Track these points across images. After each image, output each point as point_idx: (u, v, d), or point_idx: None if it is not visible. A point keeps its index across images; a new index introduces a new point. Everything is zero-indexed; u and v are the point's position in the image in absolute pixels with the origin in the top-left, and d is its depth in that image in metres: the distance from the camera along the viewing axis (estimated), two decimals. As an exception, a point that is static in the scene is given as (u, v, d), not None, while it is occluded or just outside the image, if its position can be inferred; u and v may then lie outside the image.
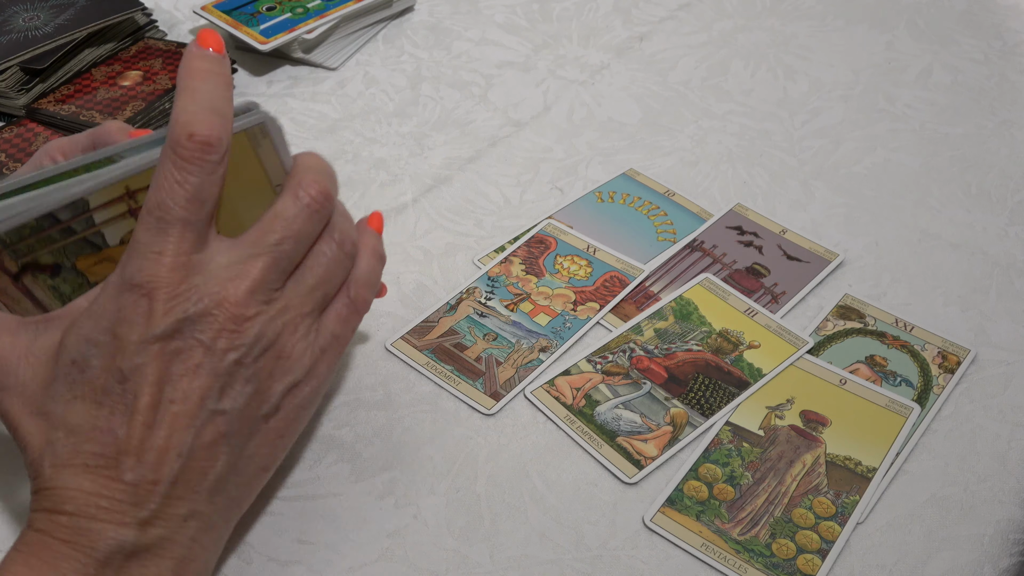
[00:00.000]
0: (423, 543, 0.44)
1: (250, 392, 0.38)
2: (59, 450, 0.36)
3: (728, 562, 0.44)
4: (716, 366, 0.53)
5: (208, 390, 0.37)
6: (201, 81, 0.37)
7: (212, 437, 0.37)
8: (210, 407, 0.37)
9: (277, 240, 0.39)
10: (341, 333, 0.42)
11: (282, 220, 0.39)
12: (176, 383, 0.36)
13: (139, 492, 0.36)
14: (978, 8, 0.86)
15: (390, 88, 0.76)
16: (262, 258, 0.38)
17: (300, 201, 0.40)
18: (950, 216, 0.64)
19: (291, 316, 0.39)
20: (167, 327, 0.36)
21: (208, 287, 0.37)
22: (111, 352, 0.36)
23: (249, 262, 0.38)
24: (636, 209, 0.64)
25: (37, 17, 0.72)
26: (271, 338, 0.38)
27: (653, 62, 0.79)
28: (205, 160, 0.36)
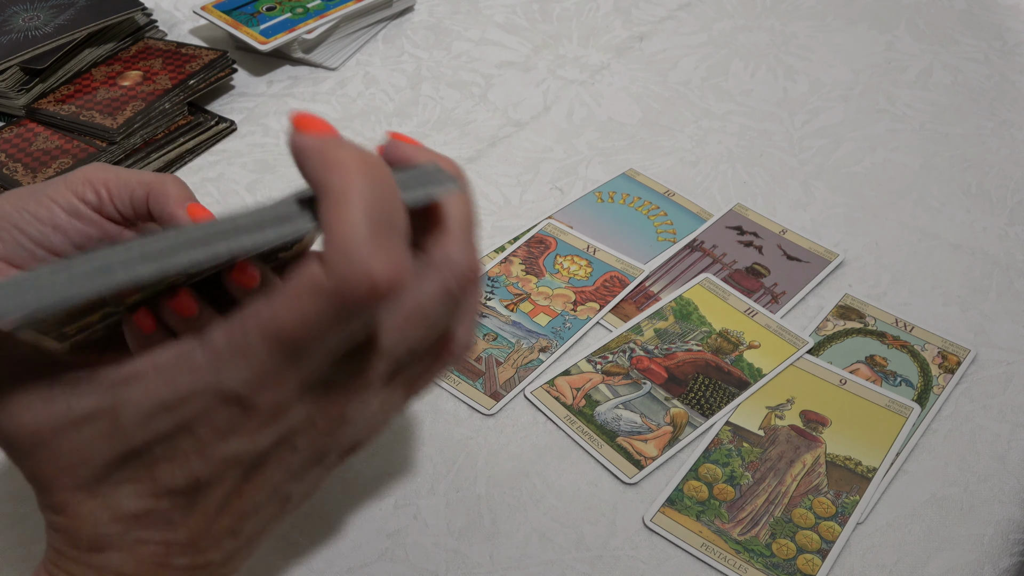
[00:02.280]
0: (423, 543, 0.44)
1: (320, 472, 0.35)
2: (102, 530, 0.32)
3: (728, 562, 0.44)
4: (716, 366, 0.53)
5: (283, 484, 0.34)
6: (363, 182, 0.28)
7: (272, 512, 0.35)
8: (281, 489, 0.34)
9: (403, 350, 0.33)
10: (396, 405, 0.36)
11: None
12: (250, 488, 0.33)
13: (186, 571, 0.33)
14: (978, 8, 0.86)
15: (390, 88, 0.76)
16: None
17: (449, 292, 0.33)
18: (950, 216, 0.64)
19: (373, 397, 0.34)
20: (263, 448, 0.32)
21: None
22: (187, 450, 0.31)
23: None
24: (636, 209, 0.64)
25: (37, 17, 0.72)
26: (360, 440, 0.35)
27: (653, 62, 0.79)
28: (369, 307, 0.28)
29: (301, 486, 0.35)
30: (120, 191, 0.44)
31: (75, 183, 0.44)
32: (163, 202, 0.43)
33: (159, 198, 0.43)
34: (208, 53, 0.73)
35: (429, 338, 0.33)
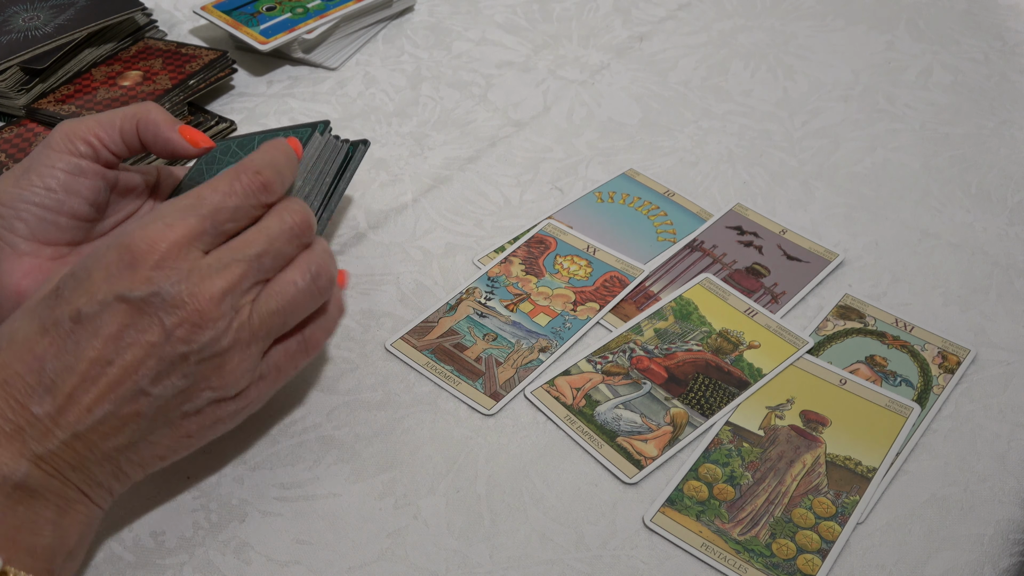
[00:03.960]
0: (423, 543, 0.44)
1: (181, 387, 0.39)
2: None
3: (728, 562, 0.44)
4: (716, 366, 0.53)
5: (147, 370, 0.38)
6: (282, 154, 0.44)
7: (129, 411, 0.38)
8: (141, 385, 0.38)
9: (257, 253, 0.40)
10: (284, 367, 0.44)
11: (265, 235, 0.41)
12: (123, 350, 0.38)
13: (39, 428, 0.37)
14: (978, 8, 0.86)
15: (390, 88, 0.76)
16: (240, 265, 0.40)
17: (284, 223, 0.42)
18: (950, 216, 0.64)
19: (245, 334, 0.40)
20: (141, 294, 0.37)
21: (190, 276, 0.38)
22: (81, 290, 0.38)
23: (229, 266, 0.39)
24: (636, 209, 0.64)
25: (37, 17, 0.72)
26: (222, 347, 0.39)
27: (653, 62, 0.79)
28: (256, 197, 0.41)
29: (159, 413, 0.39)
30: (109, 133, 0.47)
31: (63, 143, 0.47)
32: (154, 129, 0.47)
33: (149, 126, 0.47)
34: (208, 53, 0.73)
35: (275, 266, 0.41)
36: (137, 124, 0.47)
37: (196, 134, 0.48)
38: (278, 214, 0.42)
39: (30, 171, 0.46)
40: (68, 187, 0.47)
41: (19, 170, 0.47)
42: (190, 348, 0.38)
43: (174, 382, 0.39)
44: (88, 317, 0.37)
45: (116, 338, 0.37)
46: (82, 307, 0.38)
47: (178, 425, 0.40)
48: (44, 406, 0.37)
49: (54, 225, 0.47)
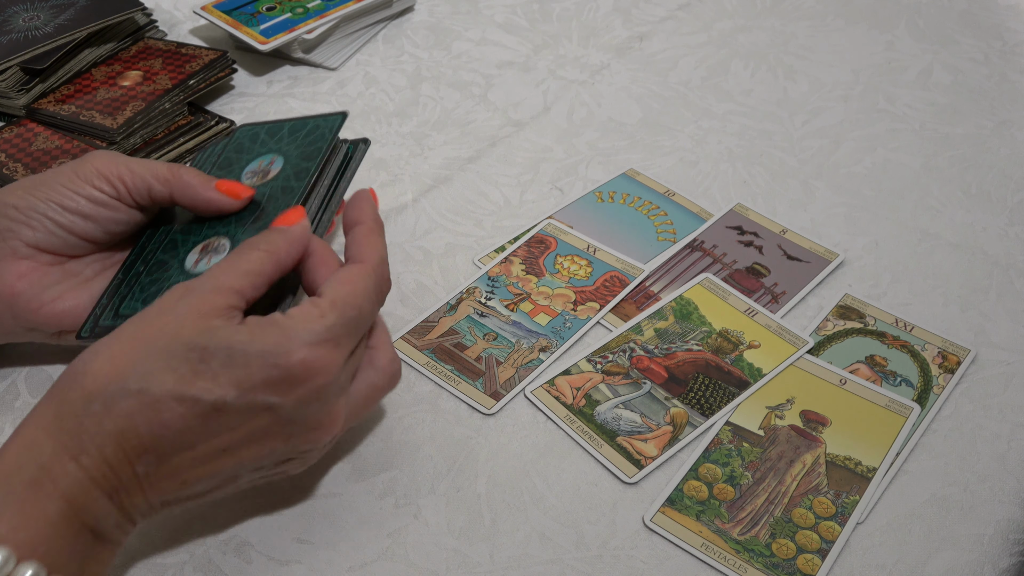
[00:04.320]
0: (423, 543, 0.44)
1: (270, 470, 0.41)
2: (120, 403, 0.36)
3: (728, 562, 0.44)
4: (716, 366, 0.53)
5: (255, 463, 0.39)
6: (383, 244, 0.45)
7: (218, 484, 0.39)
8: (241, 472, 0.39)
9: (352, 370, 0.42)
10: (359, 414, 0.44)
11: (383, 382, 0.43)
12: (245, 446, 0.38)
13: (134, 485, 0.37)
14: (978, 8, 0.86)
15: (390, 88, 0.76)
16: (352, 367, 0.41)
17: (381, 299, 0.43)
18: (950, 216, 0.64)
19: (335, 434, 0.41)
20: (292, 408, 0.38)
21: (329, 398, 0.39)
22: (232, 376, 0.36)
23: (348, 373, 0.41)
24: (636, 209, 0.64)
25: (37, 17, 0.72)
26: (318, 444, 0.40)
27: (653, 62, 0.79)
28: (383, 301, 0.43)
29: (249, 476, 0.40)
30: (137, 185, 0.48)
31: (90, 176, 0.47)
32: (192, 193, 0.47)
33: (185, 190, 0.47)
34: (208, 53, 0.73)
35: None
36: (172, 192, 0.47)
37: (235, 186, 0.47)
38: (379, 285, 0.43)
39: (51, 187, 0.46)
40: (86, 213, 0.47)
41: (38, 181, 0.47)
42: (299, 450, 0.40)
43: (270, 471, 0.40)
44: (230, 409, 0.37)
45: (246, 437, 0.38)
46: (228, 398, 0.36)
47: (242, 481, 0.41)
48: (149, 469, 0.37)
49: (62, 241, 0.47)
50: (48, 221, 0.46)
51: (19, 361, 0.53)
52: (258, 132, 0.52)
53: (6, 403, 0.51)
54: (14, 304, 0.46)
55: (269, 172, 0.49)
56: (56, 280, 0.48)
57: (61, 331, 0.48)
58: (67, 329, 0.48)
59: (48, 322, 0.47)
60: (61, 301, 0.47)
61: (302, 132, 0.50)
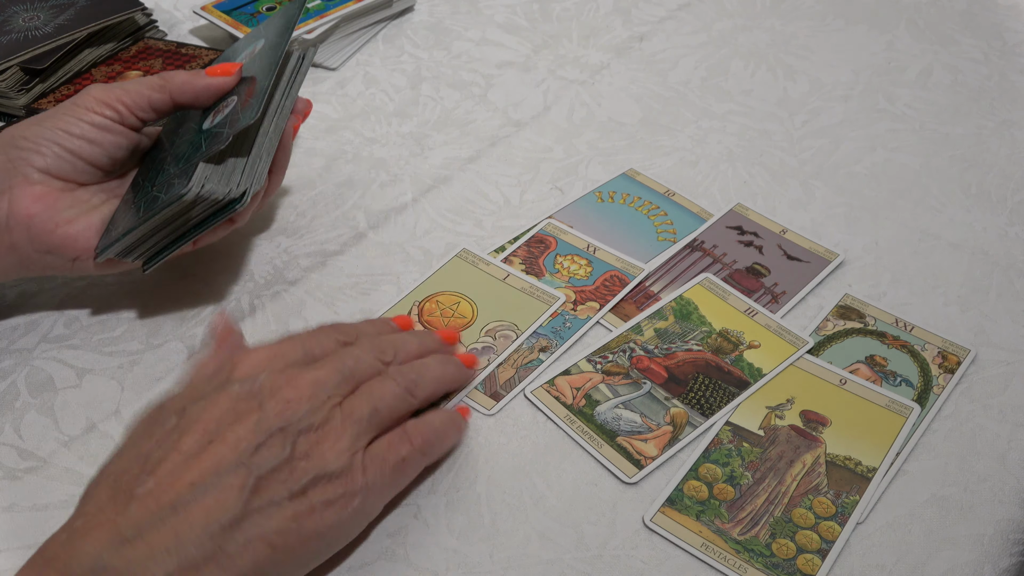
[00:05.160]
0: (423, 543, 0.44)
1: (280, 459, 0.39)
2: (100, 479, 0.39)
3: (728, 562, 0.44)
4: (716, 366, 0.53)
5: (247, 444, 0.38)
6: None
7: (232, 483, 0.37)
8: (242, 458, 0.38)
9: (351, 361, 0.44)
10: (386, 458, 0.42)
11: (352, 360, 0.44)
12: (224, 429, 0.39)
13: (139, 506, 0.36)
14: (978, 8, 0.86)
15: (390, 88, 0.76)
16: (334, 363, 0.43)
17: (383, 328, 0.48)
18: (950, 216, 0.64)
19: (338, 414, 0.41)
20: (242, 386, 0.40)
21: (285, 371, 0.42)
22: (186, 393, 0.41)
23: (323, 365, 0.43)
24: (636, 209, 0.64)
25: (37, 17, 0.72)
26: (316, 422, 0.40)
27: (653, 62, 0.79)
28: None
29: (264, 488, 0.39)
30: (137, 101, 0.52)
31: (91, 104, 0.51)
32: (187, 87, 0.52)
33: (182, 87, 0.52)
34: (208, 53, 0.73)
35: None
36: (170, 95, 0.52)
37: (222, 66, 0.53)
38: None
39: (56, 117, 0.51)
40: (91, 138, 0.51)
41: (44, 115, 0.52)
42: (287, 422, 0.39)
43: (274, 453, 0.39)
44: (191, 409, 0.40)
45: (217, 420, 0.39)
46: (187, 404, 0.40)
47: (285, 509, 0.38)
48: (146, 486, 0.37)
49: (71, 165, 0.51)
50: (56, 147, 0.50)
51: (20, 359, 0.53)
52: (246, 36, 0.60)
53: (6, 403, 0.51)
54: (31, 225, 0.50)
55: (255, 50, 0.56)
56: (68, 205, 0.51)
57: (76, 257, 0.51)
58: (81, 253, 0.51)
59: (63, 243, 0.50)
60: (74, 223, 0.51)
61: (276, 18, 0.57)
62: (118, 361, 0.53)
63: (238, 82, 0.53)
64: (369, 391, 0.43)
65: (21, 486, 0.47)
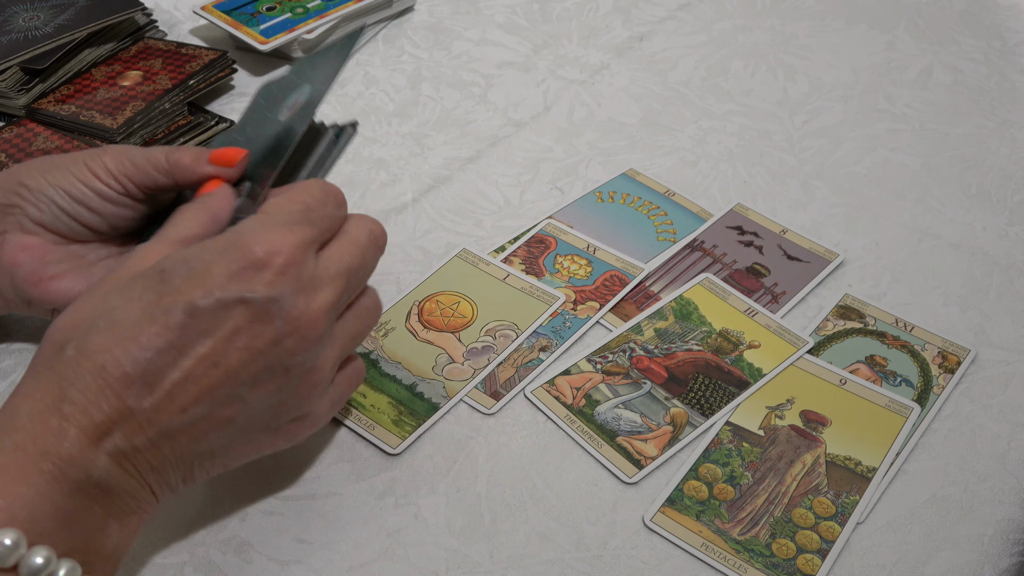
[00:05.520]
0: (423, 543, 0.44)
1: (275, 401, 0.39)
2: (92, 339, 0.36)
3: (728, 562, 0.44)
4: (716, 366, 0.53)
5: (248, 375, 0.37)
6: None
7: (222, 416, 0.37)
8: (240, 391, 0.37)
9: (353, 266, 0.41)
10: (343, 394, 0.43)
11: (358, 247, 0.41)
12: (232, 352, 0.36)
13: (131, 423, 0.35)
14: (978, 8, 0.86)
15: (390, 88, 0.76)
16: (343, 278, 0.40)
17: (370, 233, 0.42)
18: (950, 216, 0.64)
19: (333, 351, 0.40)
20: (263, 297, 0.37)
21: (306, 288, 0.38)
22: (196, 281, 0.36)
23: (335, 279, 0.40)
24: (636, 209, 0.64)
25: (37, 17, 0.72)
26: (315, 364, 0.39)
27: (653, 62, 0.79)
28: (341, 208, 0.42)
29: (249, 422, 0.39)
30: (143, 179, 0.48)
31: (99, 171, 0.48)
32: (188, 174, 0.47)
33: (183, 173, 0.47)
34: (208, 53, 0.73)
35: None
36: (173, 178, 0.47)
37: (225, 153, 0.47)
38: (360, 224, 0.42)
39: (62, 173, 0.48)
40: (92, 206, 0.48)
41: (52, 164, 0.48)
42: (294, 360, 0.38)
43: (271, 392, 0.38)
44: (203, 312, 0.36)
45: (228, 339, 0.36)
46: (198, 300, 0.36)
47: (257, 439, 0.40)
48: (141, 401, 0.35)
49: (66, 226, 0.48)
50: (54, 206, 0.48)
51: (20, 357, 0.53)
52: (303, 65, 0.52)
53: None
54: (14, 274, 0.48)
55: (299, 103, 0.49)
56: (58, 259, 0.49)
57: (55, 309, 0.49)
58: (60, 308, 0.48)
59: (44, 298, 0.48)
60: (60, 280, 0.48)
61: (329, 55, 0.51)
62: (118, 361, 0.53)
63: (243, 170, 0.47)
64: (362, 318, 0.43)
65: (21, 486, 0.47)
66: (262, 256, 0.37)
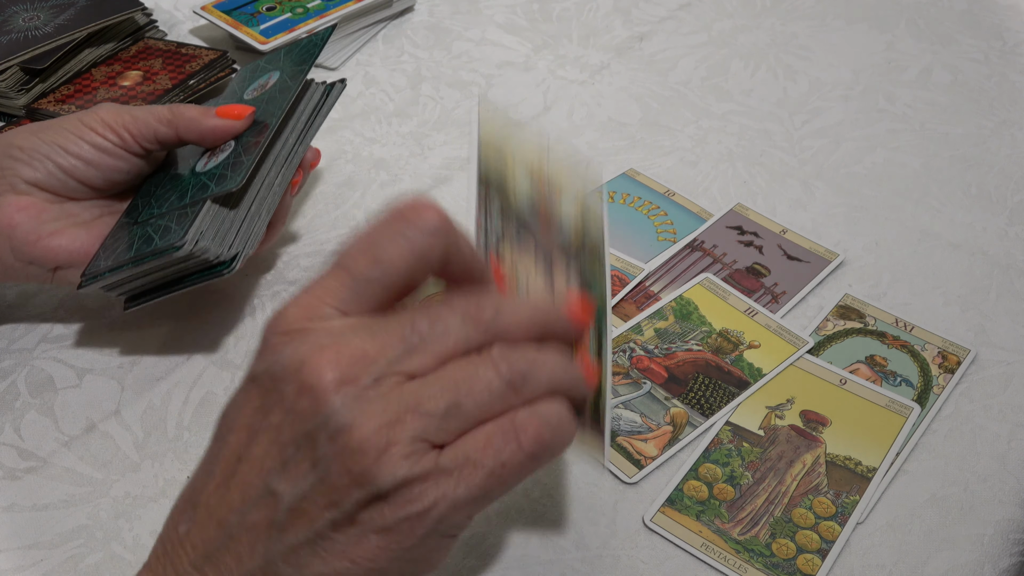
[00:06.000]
0: (423, 543, 0.44)
1: (313, 480, 0.30)
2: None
3: (728, 562, 0.44)
4: (716, 366, 0.53)
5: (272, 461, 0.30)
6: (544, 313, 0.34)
7: (257, 520, 0.30)
8: (268, 482, 0.30)
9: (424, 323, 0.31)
10: (479, 461, 0.30)
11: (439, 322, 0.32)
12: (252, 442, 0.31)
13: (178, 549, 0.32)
14: (978, 8, 0.86)
15: (390, 88, 0.76)
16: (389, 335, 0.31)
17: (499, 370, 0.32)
18: (950, 216, 0.64)
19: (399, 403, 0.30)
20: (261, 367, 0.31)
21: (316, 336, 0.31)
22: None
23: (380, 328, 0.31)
24: (636, 209, 0.64)
25: (37, 17, 0.72)
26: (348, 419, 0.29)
27: (653, 62, 0.79)
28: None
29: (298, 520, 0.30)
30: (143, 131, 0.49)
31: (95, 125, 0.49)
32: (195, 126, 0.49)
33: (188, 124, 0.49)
34: (208, 53, 0.73)
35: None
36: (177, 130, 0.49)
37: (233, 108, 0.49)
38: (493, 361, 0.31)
39: (57, 131, 0.48)
40: (89, 159, 0.49)
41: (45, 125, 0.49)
42: (315, 423, 0.29)
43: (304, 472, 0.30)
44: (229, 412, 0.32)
45: (247, 427, 0.31)
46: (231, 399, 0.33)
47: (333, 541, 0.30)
48: (185, 523, 0.32)
49: (61, 183, 0.49)
50: (49, 163, 0.48)
51: (20, 359, 0.53)
52: (258, 63, 0.57)
53: (6, 403, 0.51)
54: (12, 235, 0.48)
55: (267, 84, 0.53)
56: (54, 217, 0.49)
57: (57, 267, 0.50)
58: (62, 265, 0.49)
59: (44, 255, 0.49)
60: (58, 236, 0.49)
61: (295, 49, 0.55)
62: (118, 361, 0.53)
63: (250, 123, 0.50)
64: (453, 374, 0.31)
65: (21, 486, 0.47)
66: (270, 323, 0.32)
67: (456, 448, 0.30)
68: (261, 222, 0.50)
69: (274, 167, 0.51)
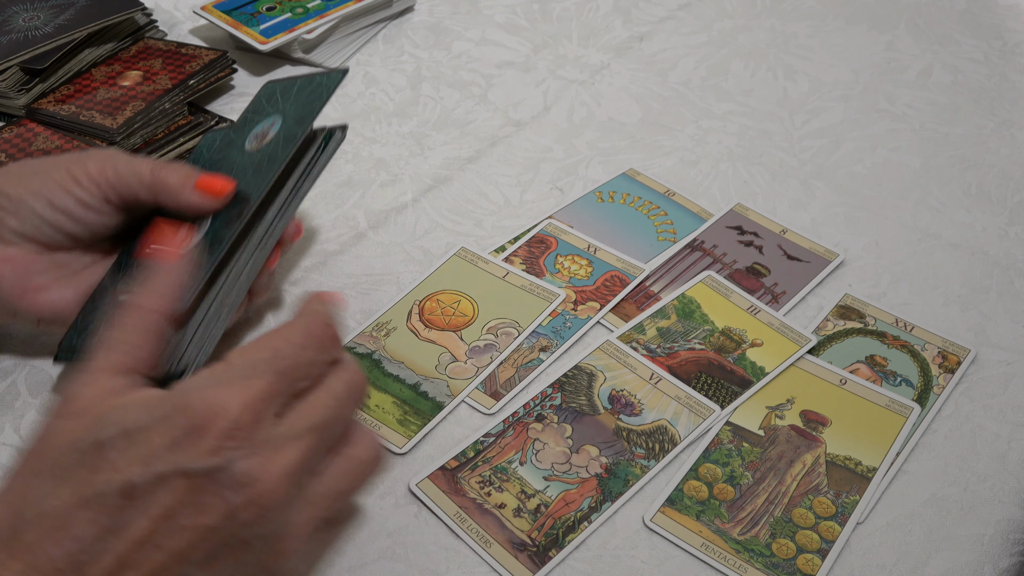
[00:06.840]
0: (423, 542, 0.44)
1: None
2: (21, 536, 0.31)
3: (728, 562, 0.44)
4: (719, 365, 0.53)
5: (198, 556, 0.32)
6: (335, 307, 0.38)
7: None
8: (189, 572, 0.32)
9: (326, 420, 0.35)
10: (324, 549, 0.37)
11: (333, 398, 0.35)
12: (174, 533, 0.31)
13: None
14: (978, 8, 0.86)
15: (390, 88, 0.76)
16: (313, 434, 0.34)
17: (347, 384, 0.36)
18: (950, 216, 0.64)
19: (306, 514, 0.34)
20: (205, 466, 0.31)
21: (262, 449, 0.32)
22: (134, 454, 0.32)
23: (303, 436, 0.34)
24: (636, 209, 0.64)
25: (37, 17, 0.72)
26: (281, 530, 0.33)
27: (653, 62, 0.79)
28: (329, 352, 0.36)
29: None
30: (124, 191, 0.47)
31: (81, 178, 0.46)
32: (172, 197, 0.46)
33: (167, 194, 0.46)
34: (208, 53, 0.73)
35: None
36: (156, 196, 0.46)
37: (214, 183, 0.46)
38: (340, 375, 0.36)
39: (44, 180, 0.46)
40: (75, 215, 0.47)
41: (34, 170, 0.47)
42: (252, 532, 0.32)
43: (230, 568, 0.32)
44: (140, 490, 0.31)
45: (168, 518, 0.31)
46: (135, 478, 0.31)
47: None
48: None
49: (48, 235, 0.47)
50: (34, 215, 0.46)
51: (20, 357, 0.53)
52: (275, 89, 0.52)
53: (6, 403, 0.51)
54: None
55: (267, 135, 0.49)
56: (43, 269, 0.47)
57: (41, 321, 0.48)
58: (47, 319, 0.48)
59: (29, 310, 0.47)
60: (45, 292, 0.47)
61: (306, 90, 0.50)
62: (118, 361, 0.53)
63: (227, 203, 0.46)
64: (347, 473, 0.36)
65: (21, 486, 0.47)
66: (203, 420, 0.32)
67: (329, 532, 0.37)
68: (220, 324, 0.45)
69: (244, 253, 0.46)
